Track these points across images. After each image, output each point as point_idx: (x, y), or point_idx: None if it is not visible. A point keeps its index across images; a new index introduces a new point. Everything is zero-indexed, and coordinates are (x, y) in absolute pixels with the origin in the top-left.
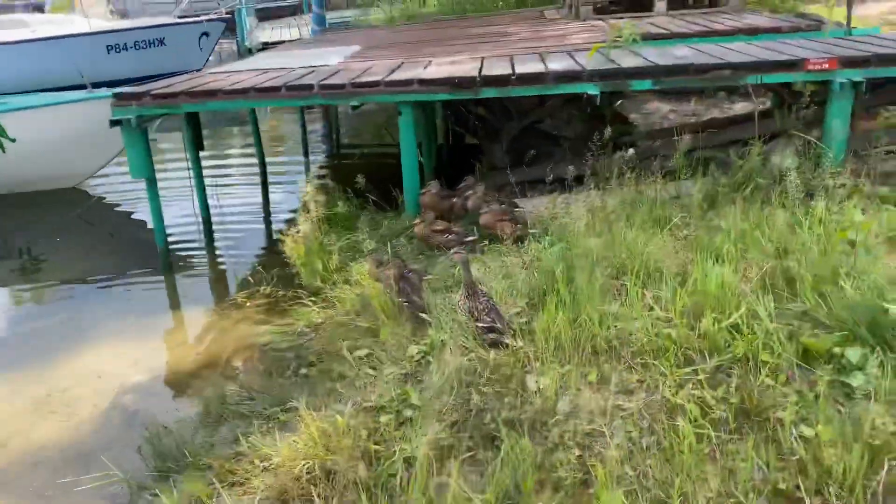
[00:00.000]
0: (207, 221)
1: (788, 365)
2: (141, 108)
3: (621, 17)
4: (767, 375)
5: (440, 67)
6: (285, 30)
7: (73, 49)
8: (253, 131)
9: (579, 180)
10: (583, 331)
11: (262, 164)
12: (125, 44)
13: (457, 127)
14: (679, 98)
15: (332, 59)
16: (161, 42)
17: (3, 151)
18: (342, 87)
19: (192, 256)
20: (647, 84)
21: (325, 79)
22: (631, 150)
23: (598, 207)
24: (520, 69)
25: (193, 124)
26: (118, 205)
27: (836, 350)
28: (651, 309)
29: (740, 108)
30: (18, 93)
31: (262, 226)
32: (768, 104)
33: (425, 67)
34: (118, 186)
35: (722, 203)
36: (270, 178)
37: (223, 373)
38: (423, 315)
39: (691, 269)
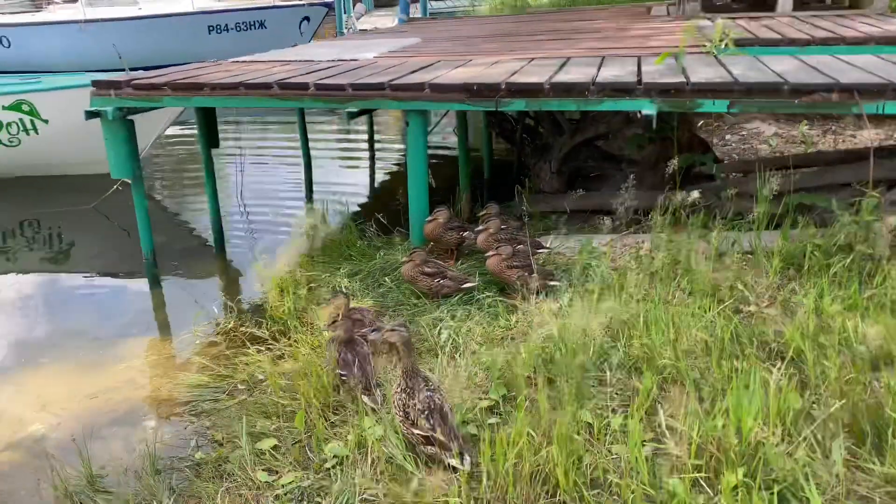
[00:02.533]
0: (218, 231)
1: None
2: (120, 100)
3: (735, 17)
4: None
5: (468, 70)
6: (389, 18)
7: (175, 28)
8: (300, 130)
9: (636, 216)
10: (551, 463)
11: (308, 168)
12: (226, 25)
13: (502, 138)
14: (790, 119)
15: (371, 53)
16: (262, 24)
17: (36, 132)
18: (341, 88)
19: (189, 269)
20: (721, 106)
21: (328, 78)
22: (695, 193)
23: (643, 259)
24: (559, 77)
25: (207, 117)
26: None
27: None
28: (660, 441)
29: (868, 137)
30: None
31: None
32: None
33: (455, 68)
34: (153, 176)
35: (810, 272)
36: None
37: (115, 437)
38: (366, 399)
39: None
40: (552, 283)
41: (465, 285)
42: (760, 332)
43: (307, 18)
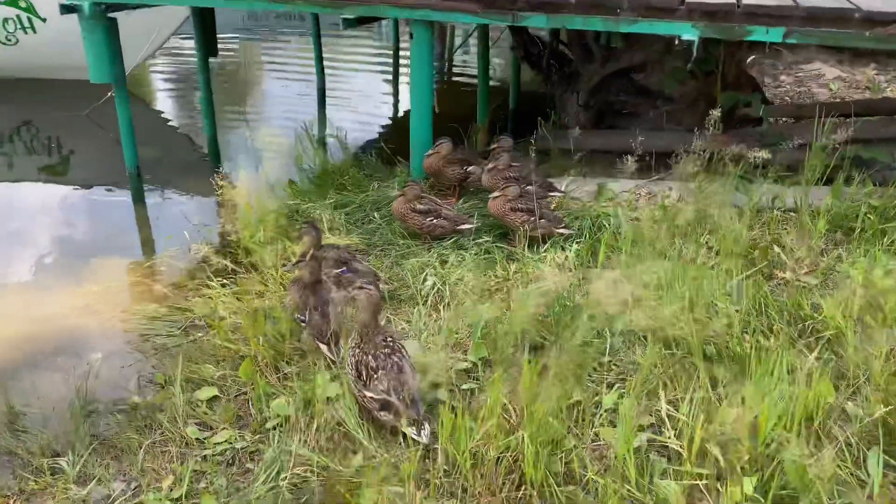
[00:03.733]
0: (213, 146)
1: None
2: None
3: None
4: None
5: None
6: None
7: None
8: (314, 41)
9: (668, 160)
10: (522, 453)
11: (322, 87)
12: None
13: (527, 64)
14: (856, 60)
15: None
16: None
17: (34, 31)
18: None
19: (177, 185)
20: (776, 34)
21: None
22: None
23: (668, 210)
24: None
25: (204, 21)
26: (149, 106)
27: None
28: (659, 431)
29: None
30: None
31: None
32: None
33: None
34: (157, 84)
35: (861, 238)
36: (331, 100)
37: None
38: (323, 347)
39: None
40: (561, 230)
41: (460, 227)
42: (795, 305)
43: None
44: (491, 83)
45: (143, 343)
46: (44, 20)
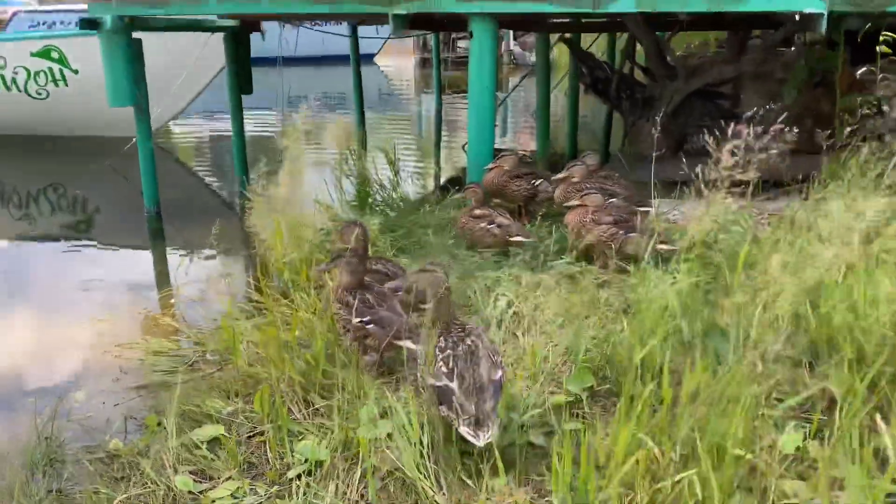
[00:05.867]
0: (242, 156)
1: None
2: (121, 6)
3: None
4: None
5: None
6: None
7: None
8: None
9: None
10: None
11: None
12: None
13: (593, 92)
14: None
15: None
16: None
17: (65, 84)
18: None
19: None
20: None
21: None
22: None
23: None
24: None
25: (238, 51)
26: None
27: None
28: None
29: None
30: None
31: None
32: None
33: None
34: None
35: None
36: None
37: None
38: (408, 343)
39: None
40: (664, 246)
41: (514, 237)
42: None
43: None
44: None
45: (139, 379)
46: (76, 72)
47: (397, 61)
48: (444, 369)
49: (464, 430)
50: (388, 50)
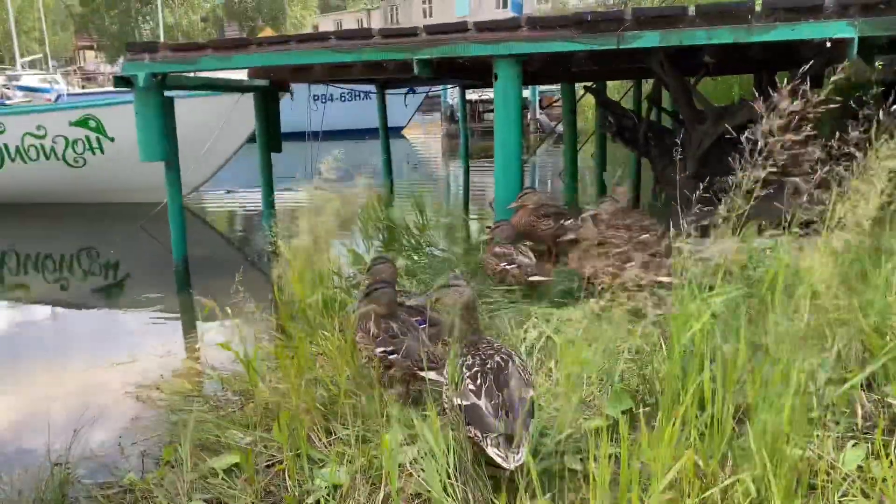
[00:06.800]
0: (269, 194)
1: None
2: (154, 64)
3: None
4: None
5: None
6: None
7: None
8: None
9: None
10: None
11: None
12: (331, 95)
13: (619, 140)
14: None
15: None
16: (367, 96)
17: (102, 152)
18: (412, 33)
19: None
20: None
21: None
22: None
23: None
24: None
25: (268, 109)
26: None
27: None
28: None
29: None
30: None
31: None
32: None
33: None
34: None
35: None
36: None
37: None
38: (432, 374)
39: None
40: (665, 279)
41: (532, 277)
42: None
43: (413, 91)
44: None
45: (159, 419)
46: (112, 139)
47: (426, 136)
48: (471, 387)
49: (492, 452)
50: (415, 126)
